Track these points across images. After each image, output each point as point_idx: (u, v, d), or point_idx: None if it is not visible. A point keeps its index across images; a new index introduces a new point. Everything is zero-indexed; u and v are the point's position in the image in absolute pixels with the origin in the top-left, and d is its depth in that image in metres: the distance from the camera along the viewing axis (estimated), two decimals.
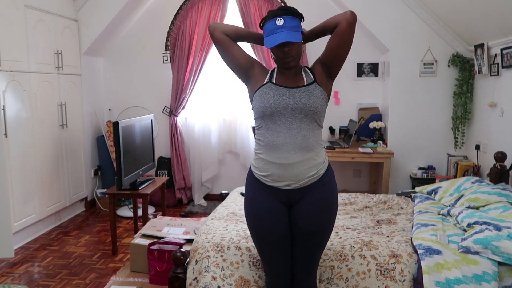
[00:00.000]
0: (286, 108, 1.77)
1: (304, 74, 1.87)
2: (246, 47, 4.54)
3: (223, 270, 2.17)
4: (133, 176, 3.44)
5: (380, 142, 4.19)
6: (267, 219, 1.84)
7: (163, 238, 2.85)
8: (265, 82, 1.85)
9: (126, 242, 3.65)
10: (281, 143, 1.77)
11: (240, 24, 4.49)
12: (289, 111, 1.77)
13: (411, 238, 2.30)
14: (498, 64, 3.30)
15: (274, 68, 1.92)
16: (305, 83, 1.83)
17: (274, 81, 1.84)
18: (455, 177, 3.79)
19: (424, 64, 4.07)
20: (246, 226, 2.51)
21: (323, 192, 1.83)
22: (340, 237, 2.33)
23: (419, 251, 2.10)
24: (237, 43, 1.91)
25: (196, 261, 2.22)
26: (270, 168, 1.80)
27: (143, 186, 3.51)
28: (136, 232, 3.71)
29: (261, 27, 1.84)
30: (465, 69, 3.92)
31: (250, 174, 1.92)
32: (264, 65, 4.48)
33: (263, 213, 1.84)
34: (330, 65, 1.85)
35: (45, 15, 3.87)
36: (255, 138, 1.92)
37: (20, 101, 3.52)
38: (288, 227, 1.86)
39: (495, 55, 3.35)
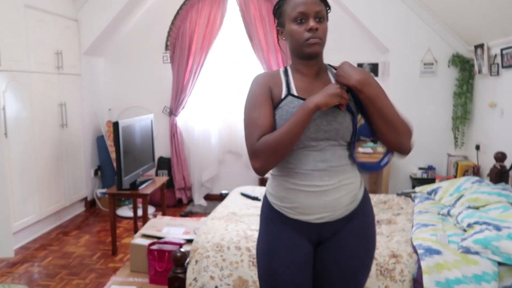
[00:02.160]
0: (318, 131, 1.37)
1: (331, 77, 1.46)
2: (246, 42, 4.53)
3: (222, 270, 2.17)
4: (133, 176, 3.44)
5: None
6: (289, 263, 1.44)
7: (163, 238, 2.85)
8: (283, 96, 1.41)
9: (126, 242, 3.65)
10: (311, 168, 1.39)
11: (240, 24, 4.49)
12: (321, 134, 1.38)
13: (411, 238, 2.30)
14: (498, 64, 3.30)
15: (286, 69, 1.49)
16: None
17: (294, 93, 1.41)
18: (455, 177, 3.79)
19: (424, 64, 4.07)
20: (246, 226, 2.51)
21: (362, 223, 1.47)
22: None
23: (419, 251, 2.10)
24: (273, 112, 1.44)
25: (196, 261, 2.22)
26: (297, 197, 1.41)
27: (143, 186, 3.51)
28: (136, 232, 3.71)
29: (275, 12, 1.47)
30: (465, 69, 3.92)
31: (266, 203, 1.52)
32: (264, 66, 4.48)
33: (283, 255, 1.44)
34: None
35: (45, 15, 3.87)
36: None
37: (20, 101, 3.52)
38: (312, 274, 1.48)
39: (495, 55, 3.35)
